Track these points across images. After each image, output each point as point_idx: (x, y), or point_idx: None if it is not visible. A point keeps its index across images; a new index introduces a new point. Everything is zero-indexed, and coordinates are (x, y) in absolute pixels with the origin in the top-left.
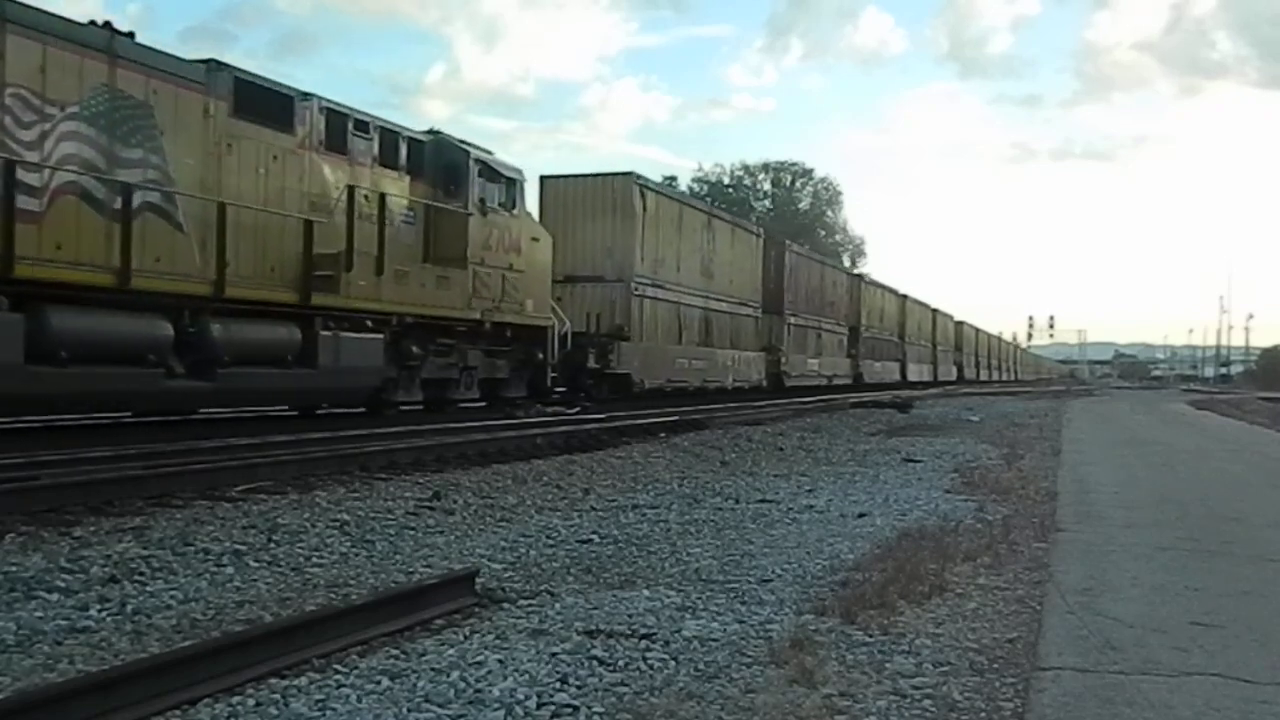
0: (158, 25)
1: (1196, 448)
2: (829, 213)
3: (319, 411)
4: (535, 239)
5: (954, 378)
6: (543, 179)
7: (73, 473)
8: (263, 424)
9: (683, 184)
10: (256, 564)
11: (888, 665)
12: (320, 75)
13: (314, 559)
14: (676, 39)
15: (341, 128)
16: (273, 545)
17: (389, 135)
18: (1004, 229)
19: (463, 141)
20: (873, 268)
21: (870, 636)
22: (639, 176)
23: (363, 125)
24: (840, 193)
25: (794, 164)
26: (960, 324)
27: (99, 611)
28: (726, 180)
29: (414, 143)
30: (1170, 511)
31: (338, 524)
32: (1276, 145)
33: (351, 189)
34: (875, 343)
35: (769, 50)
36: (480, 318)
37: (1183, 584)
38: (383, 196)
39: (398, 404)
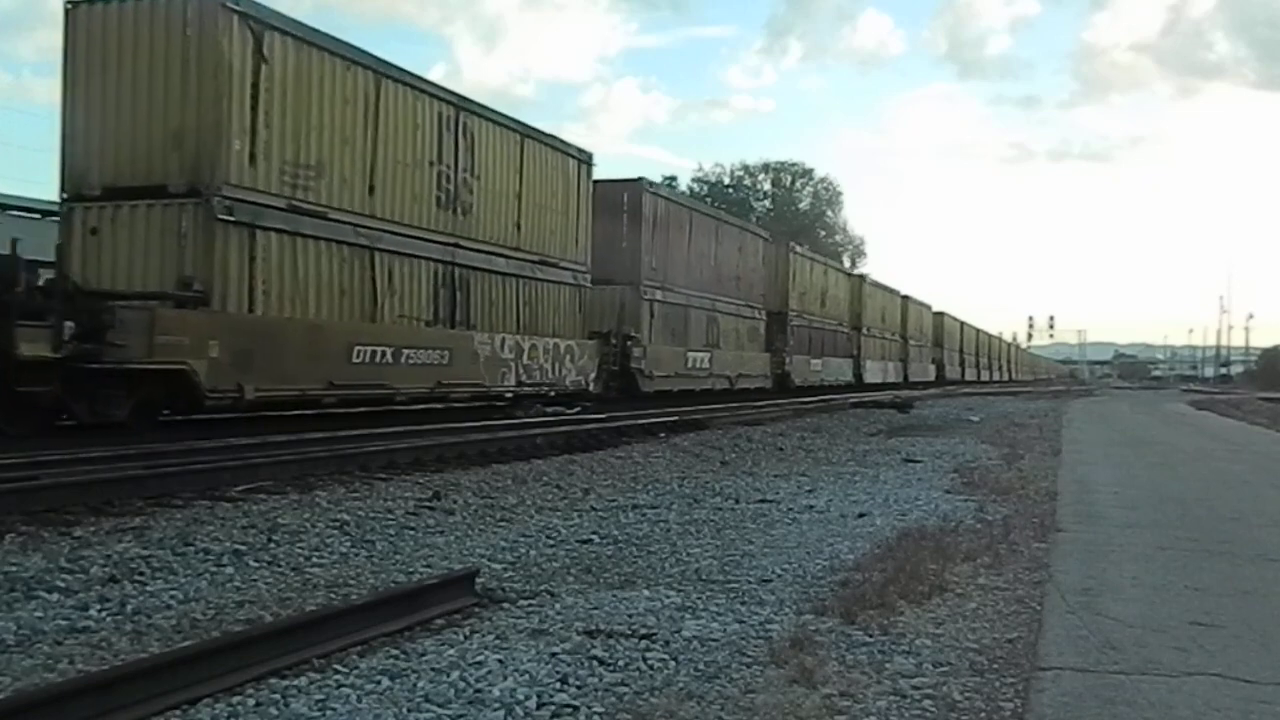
0: None
1: (1196, 448)
2: (829, 213)
3: (319, 410)
4: None
5: (932, 378)
6: (69, 4)
7: (73, 473)
8: (263, 424)
9: (683, 184)
10: (256, 564)
11: (888, 665)
12: None
13: (314, 559)
14: (676, 40)
15: None
16: (273, 545)
17: None
18: (1003, 229)
19: None
20: (873, 268)
21: (870, 636)
22: None
23: None
24: (840, 193)
25: (794, 164)
26: (941, 315)
27: (99, 611)
28: (727, 180)
29: None
30: (1170, 511)
31: (338, 524)
32: (1275, 146)
33: None
34: (813, 334)
35: (768, 51)
36: None
37: (1183, 584)
38: None
39: None
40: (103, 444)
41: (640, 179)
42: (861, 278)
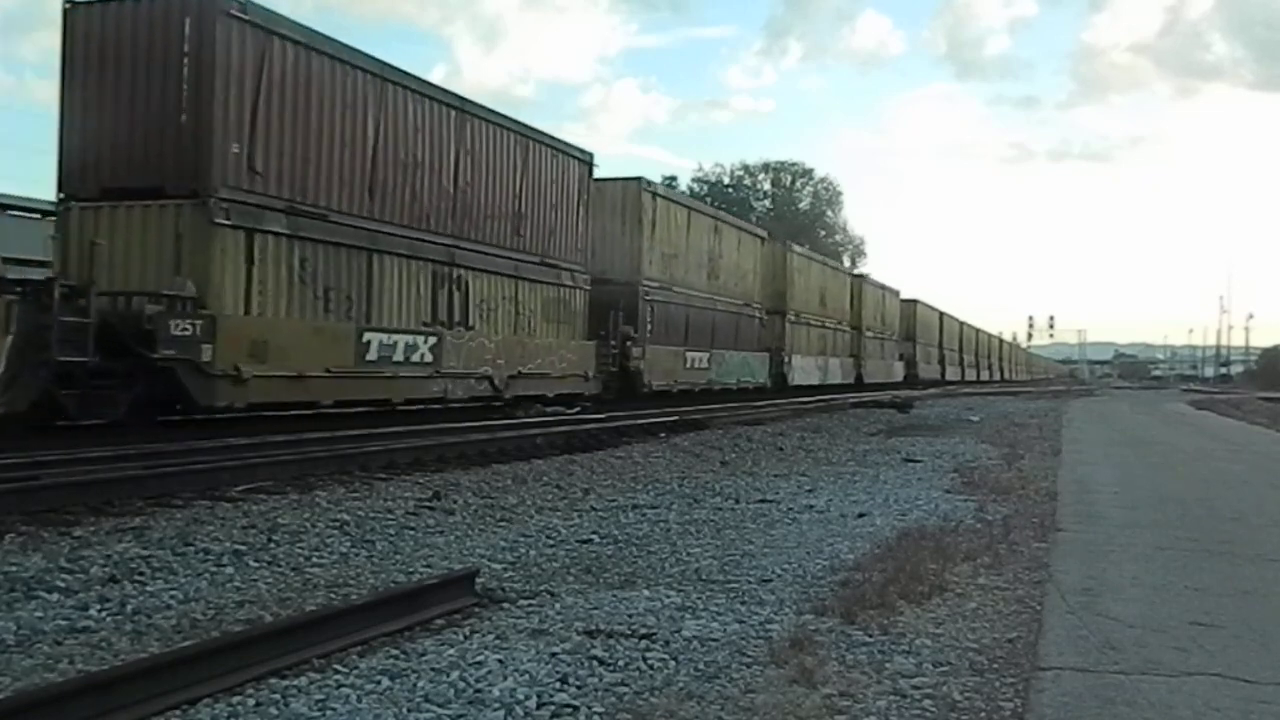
0: None
1: (1196, 447)
2: (829, 213)
3: (320, 410)
4: None
5: (899, 378)
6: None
7: (73, 473)
8: (263, 424)
9: (683, 184)
10: (256, 564)
11: (888, 665)
12: None
13: (314, 559)
14: (676, 40)
15: None
16: (273, 545)
17: None
18: (1003, 229)
19: None
20: (873, 267)
21: (870, 636)
22: None
23: None
24: (840, 193)
25: (794, 164)
26: (913, 304)
27: (99, 611)
28: (727, 180)
29: None
30: (1170, 511)
31: (338, 524)
32: (1274, 146)
33: None
34: (693, 316)
35: (767, 52)
36: None
37: (1183, 584)
38: None
39: None
40: (103, 444)
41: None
42: (786, 245)
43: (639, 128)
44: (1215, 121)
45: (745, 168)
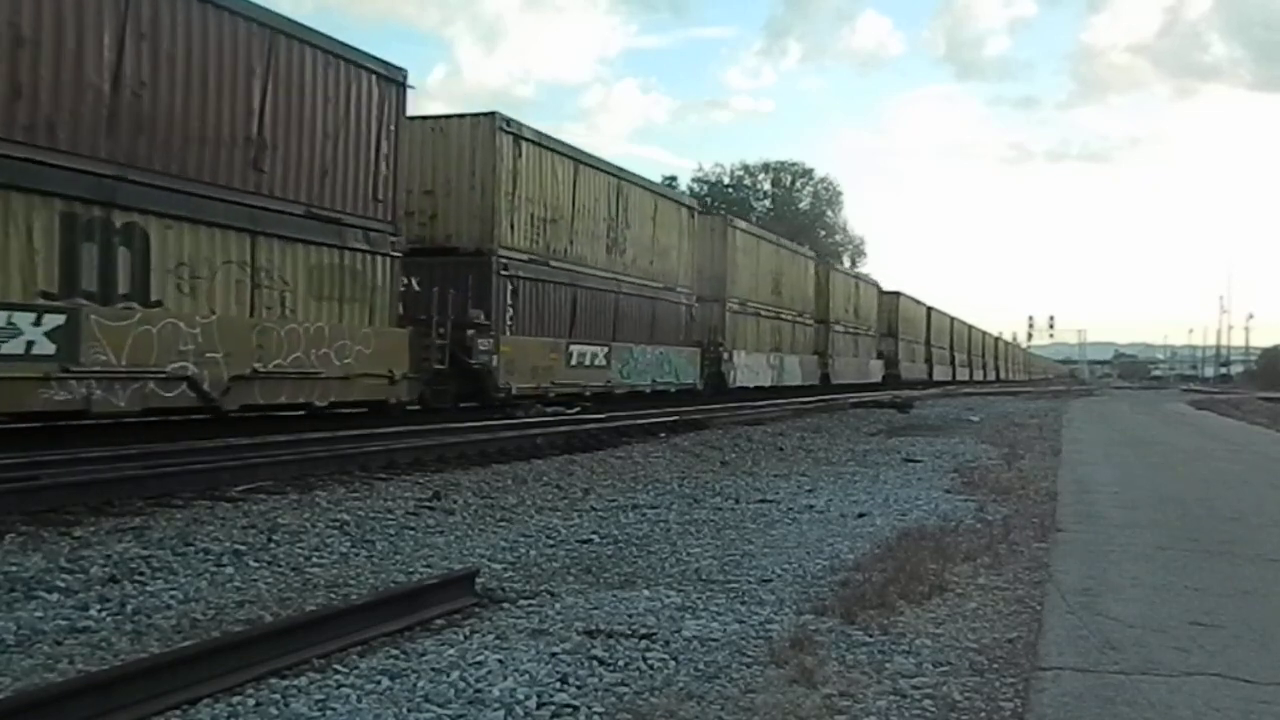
0: None
1: (1196, 447)
2: (829, 213)
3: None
4: None
5: (877, 378)
6: None
7: (73, 473)
8: (263, 424)
9: (683, 184)
10: (256, 564)
11: (888, 665)
12: None
13: (314, 559)
14: (676, 41)
15: None
16: (273, 545)
17: None
18: (1003, 230)
19: None
20: (872, 267)
21: (870, 636)
22: None
23: None
24: (840, 193)
25: (794, 164)
26: (895, 296)
27: (99, 611)
28: (727, 180)
29: None
30: (1170, 511)
31: (338, 524)
32: (1273, 146)
33: None
34: (583, 298)
35: (767, 53)
36: None
37: (1183, 584)
38: None
39: None
40: (103, 444)
41: None
42: (726, 219)
43: (639, 128)
44: (1214, 122)
45: (745, 168)
